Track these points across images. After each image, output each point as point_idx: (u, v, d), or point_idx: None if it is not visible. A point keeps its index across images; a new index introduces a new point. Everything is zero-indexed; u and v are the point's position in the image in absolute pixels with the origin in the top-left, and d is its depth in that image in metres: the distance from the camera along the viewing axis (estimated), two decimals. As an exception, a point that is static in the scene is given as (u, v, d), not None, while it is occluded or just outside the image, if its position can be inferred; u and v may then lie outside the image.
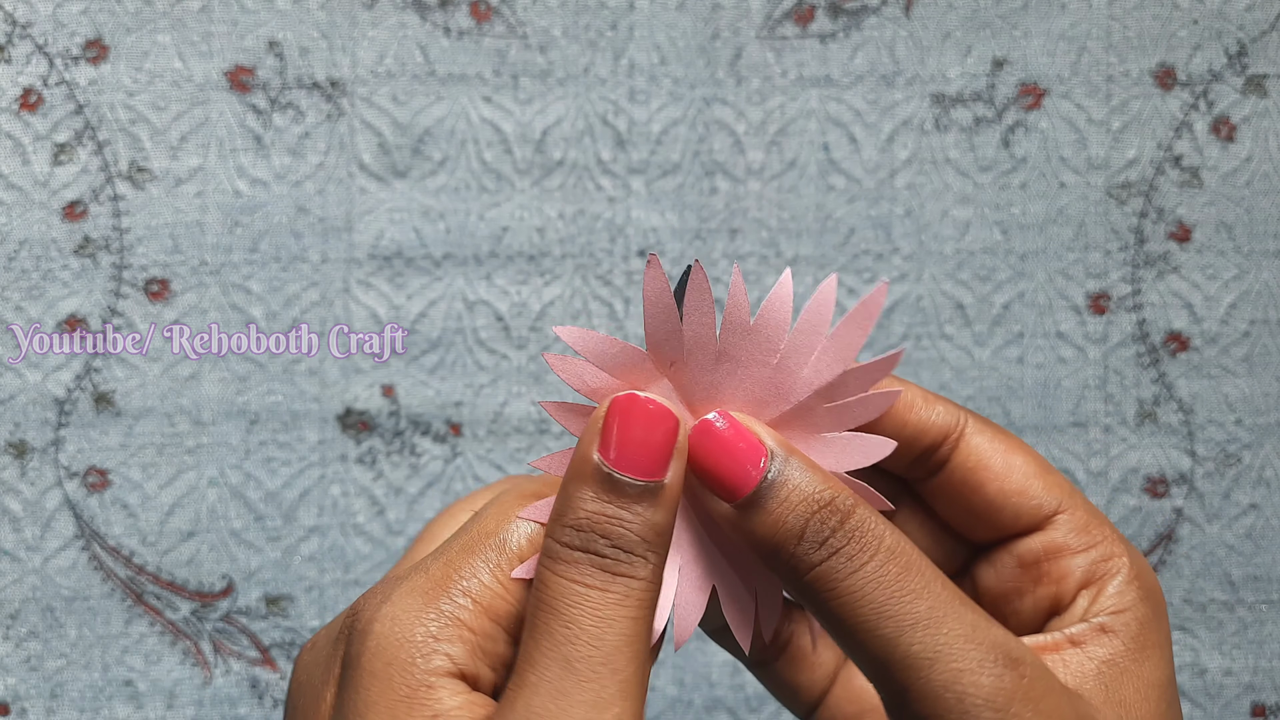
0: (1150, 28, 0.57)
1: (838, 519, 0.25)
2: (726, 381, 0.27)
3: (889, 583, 0.24)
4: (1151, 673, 0.26)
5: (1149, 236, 0.57)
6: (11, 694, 0.55)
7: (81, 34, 0.54)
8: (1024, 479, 0.28)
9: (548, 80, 0.56)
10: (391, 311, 0.56)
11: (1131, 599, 0.27)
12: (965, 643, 0.24)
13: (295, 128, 0.55)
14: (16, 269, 0.55)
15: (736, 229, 0.56)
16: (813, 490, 0.25)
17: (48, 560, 0.55)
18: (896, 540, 0.25)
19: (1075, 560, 0.28)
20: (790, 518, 0.25)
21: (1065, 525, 0.28)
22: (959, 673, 0.24)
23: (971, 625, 0.24)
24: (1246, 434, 0.58)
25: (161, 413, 0.55)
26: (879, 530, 0.25)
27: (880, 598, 0.24)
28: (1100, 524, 0.28)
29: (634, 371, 0.26)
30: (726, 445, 0.26)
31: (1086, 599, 0.27)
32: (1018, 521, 0.28)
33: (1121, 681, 0.26)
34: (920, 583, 0.24)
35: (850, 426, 0.27)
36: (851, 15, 0.56)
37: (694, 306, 0.26)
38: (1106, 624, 0.27)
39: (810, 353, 0.27)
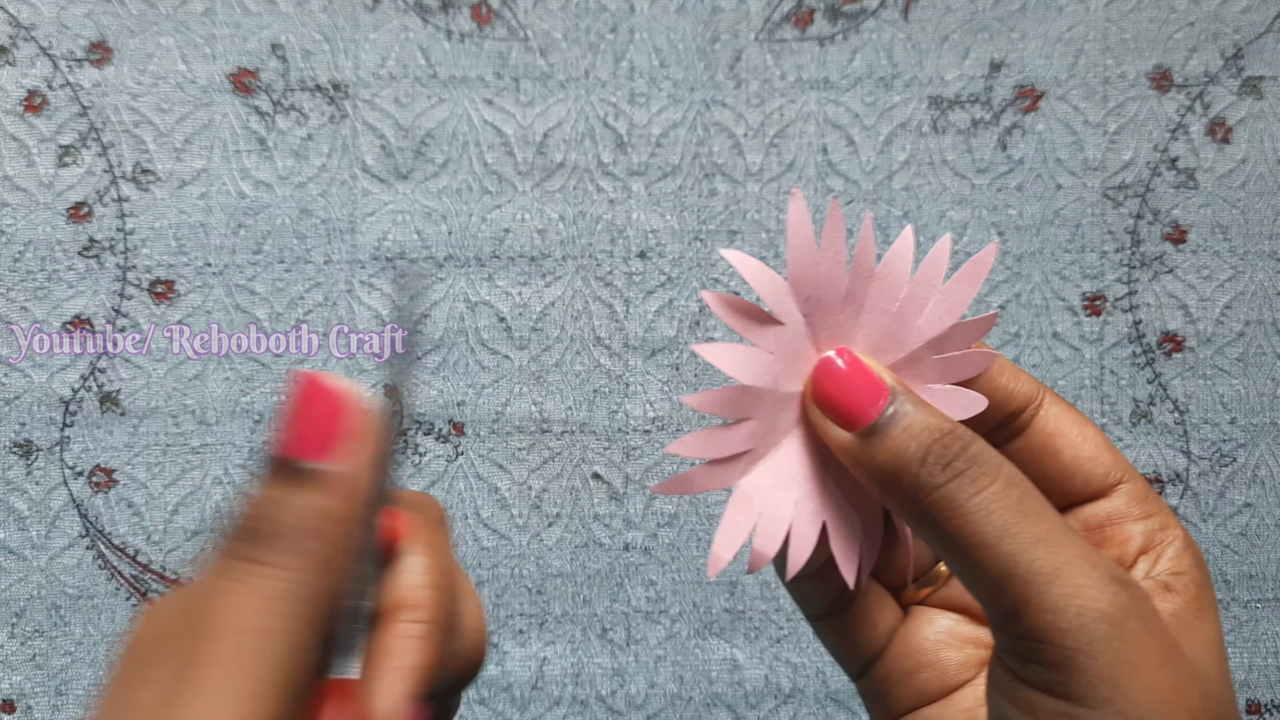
0: (1147, 30, 0.57)
1: (959, 445, 0.26)
2: (850, 323, 0.28)
3: (1012, 504, 0.25)
4: (1211, 629, 0.28)
5: (1145, 238, 0.58)
6: (17, 691, 0.55)
7: (85, 37, 0.54)
8: (1095, 449, 0.30)
9: (549, 83, 0.56)
10: (394, 312, 0.56)
11: (1189, 564, 0.29)
12: (1083, 562, 0.25)
13: (298, 130, 0.55)
14: (22, 270, 0.55)
15: (736, 230, 0.57)
16: (933, 420, 0.27)
17: (53, 559, 0.55)
18: (1014, 469, 0.26)
19: (1136, 526, 0.29)
20: (913, 444, 0.26)
21: (1126, 495, 0.30)
22: (1080, 588, 0.25)
23: (1086, 548, 0.26)
24: (1241, 433, 0.58)
25: (166, 412, 0.55)
26: (998, 458, 0.26)
27: (1005, 517, 0.25)
28: (1155, 499, 0.30)
29: (777, 299, 0.27)
30: (850, 378, 0.27)
31: (1147, 562, 0.29)
32: (1087, 486, 0.30)
33: (1188, 635, 0.27)
34: (1039, 507, 0.26)
35: (954, 380, 0.29)
36: (850, 18, 0.56)
37: (829, 245, 0.28)
38: (1170, 583, 0.28)
39: (925, 304, 0.29)
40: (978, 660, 0.31)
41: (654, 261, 0.56)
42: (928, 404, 0.27)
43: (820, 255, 0.27)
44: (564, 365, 0.56)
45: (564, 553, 0.57)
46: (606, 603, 0.57)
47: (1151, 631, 0.25)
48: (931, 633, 0.31)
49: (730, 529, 0.27)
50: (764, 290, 0.27)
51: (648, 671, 0.57)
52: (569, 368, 0.56)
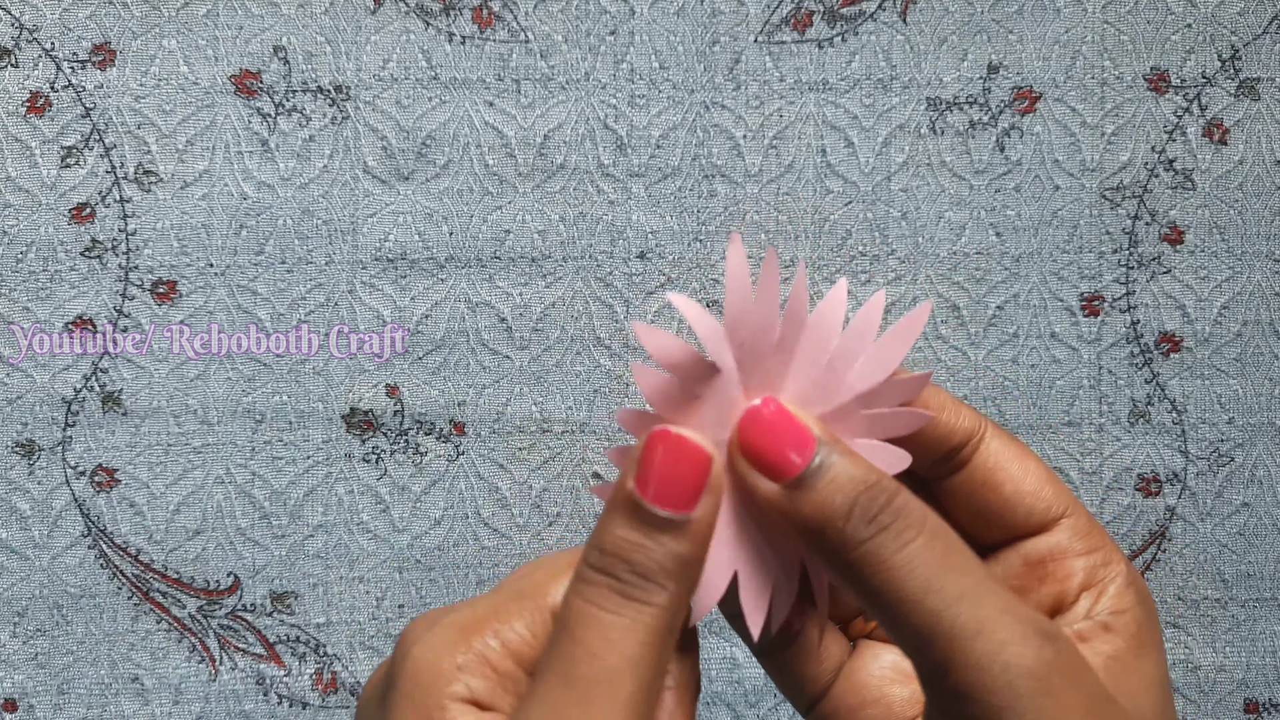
0: (1144, 32, 0.57)
1: (885, 498, 0.26)
2: (780, 371, 0.28)
3: (935, 559, 0.25)
4: (1151, 669, 0.27)
5: (1142, 239, 0.58)
6: (19, 690, 0.56)
7: (88, 39, 0.55)
8: (1037, 482, 0.30)
9: (549, 85, 0.56)
10: (396, 313, 0.56)
11: (1130, 601, 0.28)
12: (1007, 617, 0.25)
13: (300, 132, 0.55)
14: (24, 270, 0.55)
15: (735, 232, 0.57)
16: (860, 472, 0.26)
17: (55, 558, 0.55)
18: (939, 522, 0.26)
19: (1078, 562, 0.29)
20: (838, 497, 0.26)
21: (1069, 529, 0.29)
22: (1003, 644, 0.24)
23: (1011, 601, 0.25)
24: (1238, 433, 0.58)
25: (168, 412, 0.56)
26: (923, 511, 0.26)
27: (927, 573, 0.25)
28: (1100, 532, 0.30)
29: (714, 345, 0.27)
30: (777, 428, 0.27)
31: (1089, 600, 0.29)
32: (1028, 521, 0.30)
33: (1126, 676, 0.27)
34: (964, 560, 0.25)
35: (883, 436, 0.29)
36: (848, 21, 0.57)
37: (763, 292, 0.28)
38: (1109, 623, 0.28)
39: (856, 358, 0.29)
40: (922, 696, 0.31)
41: (654, 263, 0.57)
42: (855, 454, 0.27)
43: (754, 303, 0.27)
44: (564, 365, 0.57)
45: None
46: (606, 602, 0.57)
47: (1079, 684, 0.25)
48: (877, 668, 0.31)
49: None
50: (704, 336, 0.27)
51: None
52: (569, 368, 0.57)
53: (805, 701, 0.32)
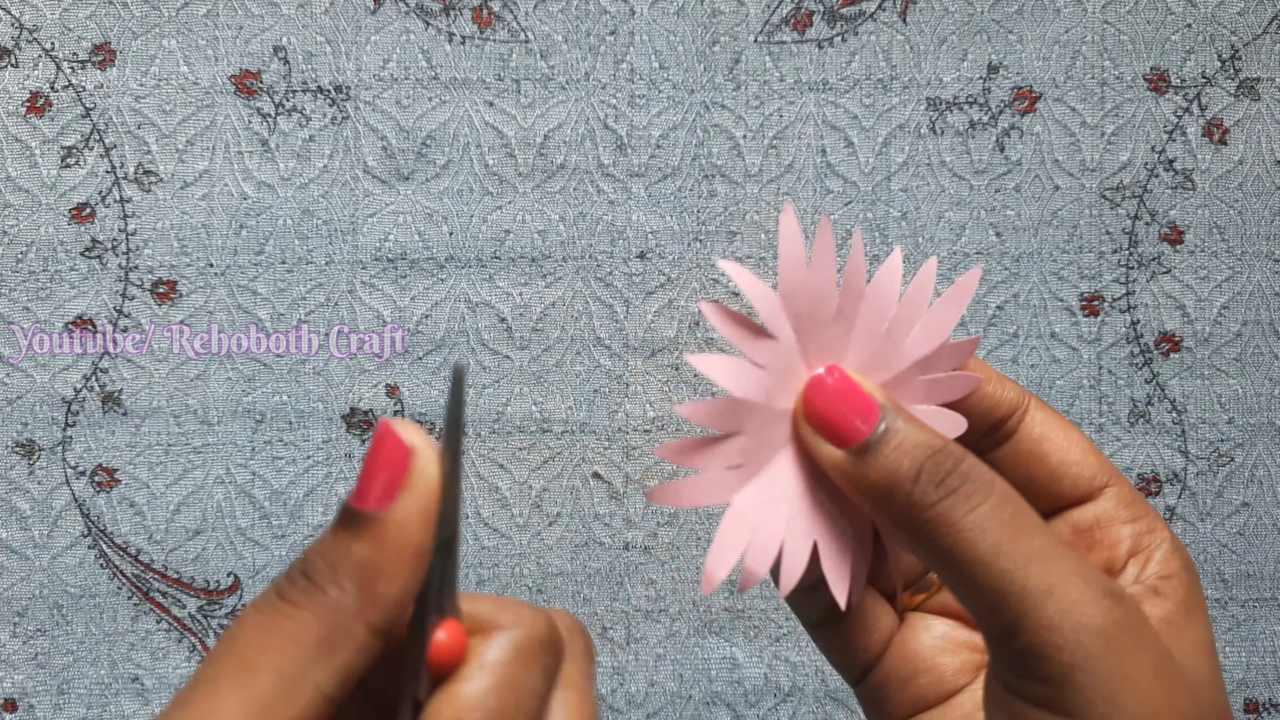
0: (1144, 32, 0.57)
1: (952, 462, 0.26)
2: (840, 341, 0.28)
3: (1006, 521, 0.26)
4: (1201, 632, 0.28)
5: (1142, 238, 0.58)
6: (19, 690, 0.56)
7: (89, 39, 0.55)
8: (1082, 453, 0.30)
9: (549, 85, 0.56)
10: (396, 313, 0.56)
11: (1176, 566, 0.29)
12: (1077, 579, 0.25)
13: (300, 132, 0.55)
14: (24, 270, 0.55)
15: (735, 232, 0.57)
16: (925, 437, 0.27)
17: (55, 558, 0.56)
18: (1006, 485, 0.27)
19: (1124, 529, 0.29)
20: (906, 461, 0.26)
21: (1114, 498, 0.30)
22: (1074, 603, 0.25)
23: (1079, 563, 0.26)
24: (1238, 433, 0.58)
25: (169, 412, 0.56)
26: (991, 475, 0.26)
27: (999, 534, 0.25)
28: (1142, 502, 0.30)
29: (770, 313, 0.28)
30: (841, 396, 0.27)
31: (1136, 566, 0.29)
32: (1075, 490, 0.30)
33: (1178, 639, 0.27)
34: (1032, 523, 0.26)
35: (940, 401, 0.29)
36: (848, 21, 0.57)
37: (819, 262, 0.28)
38: (1159, 587, 0.28)
39: (912, 326, 0.29)
40: (974, 665, 0.31)
41: (654, 262, 0.57)
42: (919, 421, 0.27)
43: (811, 272, 0.28)
44: (564, 366, 0.57)
45: (564, 552, 0.57)
46: (606, 602, 0.57)
47: (1144, 644, 0.25)
48: (928, 638, 0.32)
49: (724, 546, 0.27)
50: (759, 304, 0.27)
51: (648, 670, 0.57)
52: (569, 368, 0.57)
53: (856, 672, 0.32)
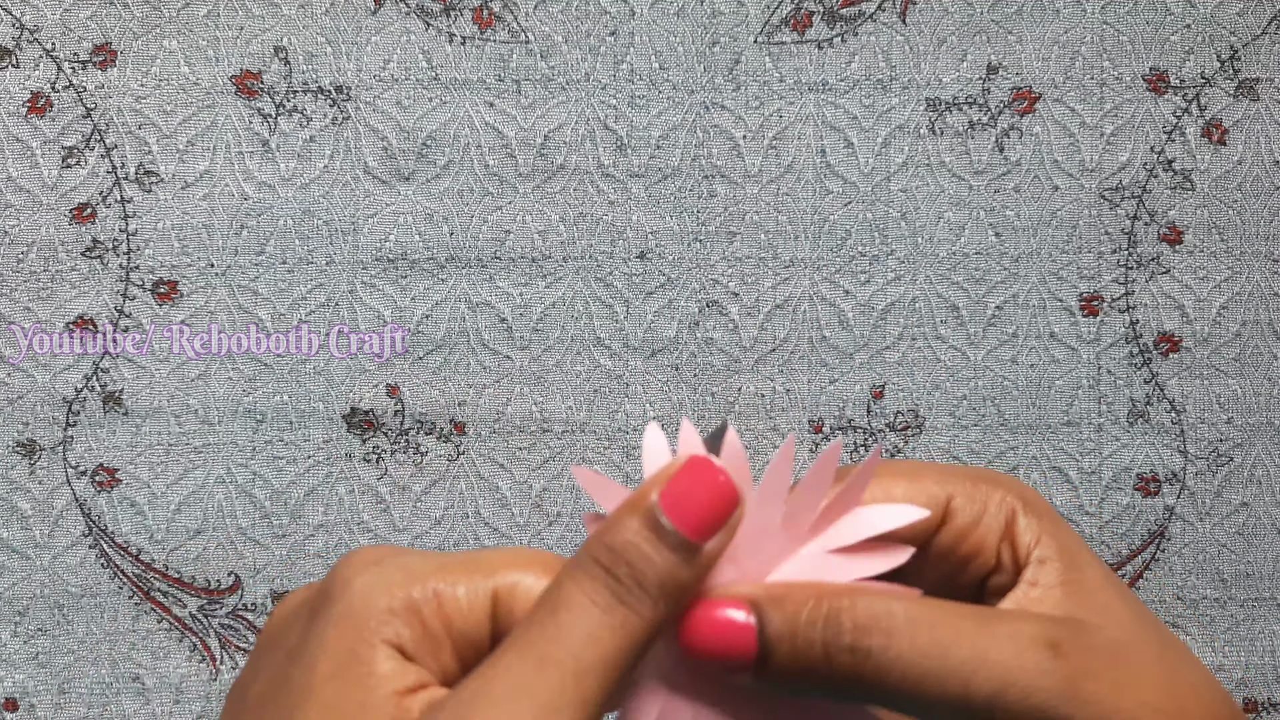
0: (1143, 32, 0.57)
1: (848, 620, 0.26)
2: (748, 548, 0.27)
3: (930, 650, 0.25)
4: (1093, 572, 0.28)
5: (1141, 239, 0.58)
6: (20, 690, 0.56)
7: (89, 39, 0.55)
8: (905, 490, 0.29)
9: (550, 86, 0.56)
10: (396, 313, 0.56)
11: (1035, 525, 0.29)
12: (1015, 658, 0.25)
13: (301, 132, 0.56)
14: (25, 270, 0.55)
15: (734, 232, 0.57)
16: (805, 612, 0.26)
17: (56, 558, 0.56)
18: (906, 606, 0.26)
19: (980, 528, 0.29)
20: (804, 648, 0.26)
21: (958, 508, 0.29)
22: (1025, 689, 0.25)
23: (1009, 637, 0.26)
24: (1238, 433, 0.58)
25: (169, 412, 0.56)
26: (888, 607, 0.26)
27: (932, 666, 0.25)
28: (978, 481, 0.30)
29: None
30: (713, 624, 0.26)
31: (1007, 549, 0.29)
32: (926, 533, 0.29)
33: (1083, 593, 0.28)
34: (951, 631, 0.26)
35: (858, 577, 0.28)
36: (848, 22, 0.57)
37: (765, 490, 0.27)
38: (1038, 555, 0.28)
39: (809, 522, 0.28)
40: None
41: (654, 263, 0.57)
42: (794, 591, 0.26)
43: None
44: (564, 366, 0.57)
45: (565, 552, 0.57)
46: (607, 601, 0.57)
47: (1093, 674, 0.26)
48: None
49: None
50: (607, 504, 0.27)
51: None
52: (569, 368, 0.57)
53: None
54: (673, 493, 0.26)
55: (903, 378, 0.57)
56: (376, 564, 0.26)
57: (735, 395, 0.57)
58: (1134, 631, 0.27)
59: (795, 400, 0.57)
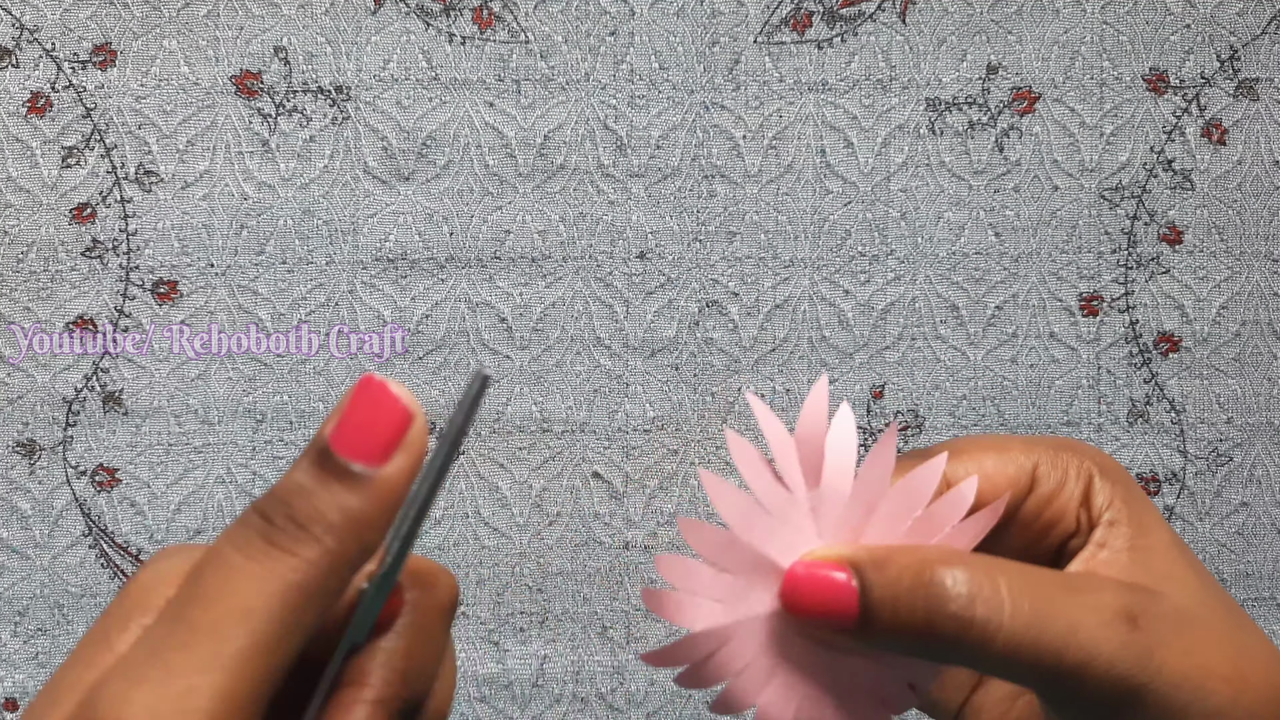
0: (1143, 33, 0.57)
1: (952, 590, 0.26)
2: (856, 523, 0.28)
3: (1029, 623, 0.26)
4: (1160, 537, 0.29)
5: (1141, 239, 0.58)
6: (19, 689, 0.56)
7: (89, 39, 0.55)
8: (996, 462, 0.30)
9: (549, 86, 0.56)
10: (396, 313, 0.56)
11: (1109, 490, 0.30)
12: (1100, 629, 0.26)
13: (301, 132, 0.56)
14: (25, 270, 0.55)
15: (734, 232, 0.57)
16: (909, 577, 0.27)
17: (56, 558, 0.56)
18: (1008, 578, 0.27)
19: (1061, 496, 0.30)
20: (906, 612, 0.26)
21: (1042, 475, 0.30)
22: (1109, 659, 0.26)
23: (1094, 610, 0.27)
24: (1237, 433, 0.58)
25: (169, 412, 0.56)
26: (992, 579, 0.27)
27: (1030, 638, 0.26)
28: (1059, 450, 0.31)
29: (786, 464, 0.28)
30: (815, 583, 0.27)
31: (1084, 514, 0.30)
32: (1016, 501, 0.31)
33: (1149, 557, 0.29)
34: (1046, 604, 0.26)
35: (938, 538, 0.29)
36: (848, 22, 0.57)
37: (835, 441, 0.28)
38: (1109, 518, 0.29)
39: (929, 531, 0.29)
40: None
41: (653, 263, 0.57)
42: (896, 555, 0.27)
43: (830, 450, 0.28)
44: (564, 365, 0.57)
45: (564, 551, 0.57)
46: (606, 601, 0.57)
47: (1165, 643, 0.27)
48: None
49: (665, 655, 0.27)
50: (777, 451, 0.27)
51: (647, 669, 0.57)
52: (569, 368, 0.57)
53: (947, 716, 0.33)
54: (345, 424, 0.23)
55: (902, 378, 0.57)
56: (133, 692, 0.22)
57: (735, 395, 0.57)
58: (1199, 598, 0.28)
59: (795, 400, 0.57)
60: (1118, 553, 0.29)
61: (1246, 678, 0.27)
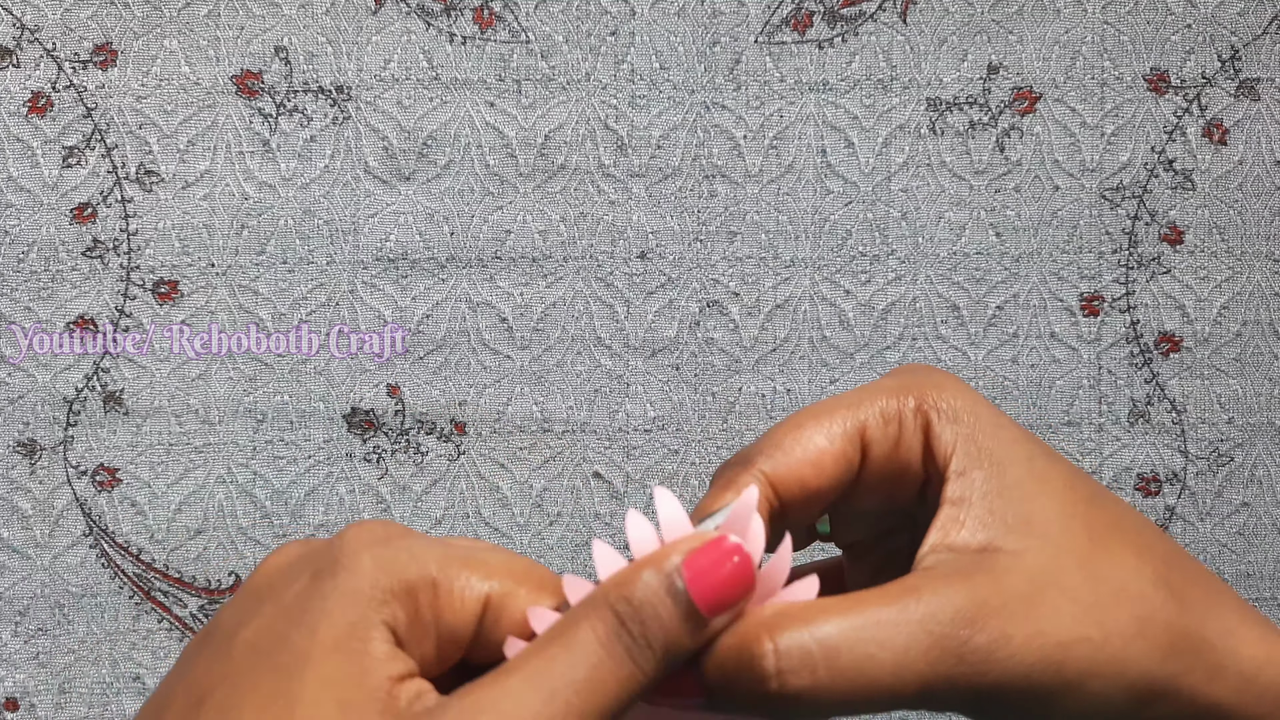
0: (1144, 32, 0.57)
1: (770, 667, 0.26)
2: None
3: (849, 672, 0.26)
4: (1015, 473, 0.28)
5: (1142, 239, 0.58)
6: (20, 689, 0.56)
7: (90, 39, 0.55)
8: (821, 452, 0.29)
9: (550, 86, 0.56)
10: (397, 313, 0.56)
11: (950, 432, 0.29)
12: (936, 652, 0.26)
13: (302, 132, 0.56)
14: (26, 270, 0.55)
15: (735, 232, 0.57)
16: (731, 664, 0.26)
17: (57, 557, 0.56)
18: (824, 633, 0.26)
19: (900, 450, 0.29)
20: (742, 694, 0.26)
21: (873, 438, 0.30)
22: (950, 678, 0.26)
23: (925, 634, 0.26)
24: (1238, 433, 0.58)
25: (170, 412, 0.56)
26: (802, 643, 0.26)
27: (858, 684, 0.26)
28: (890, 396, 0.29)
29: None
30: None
31: (932, 463, 0.29)
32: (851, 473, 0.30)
33: (1004, 504, 0.28)
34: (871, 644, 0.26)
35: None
36: (848, 22, 0.57)
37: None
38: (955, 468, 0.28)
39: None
40: None
41: (654, 263, 0.57)
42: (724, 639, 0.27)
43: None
44: (565, 365, 0.57)
45: (565, 551, 0.57)
46: (607, 601, 0.57)
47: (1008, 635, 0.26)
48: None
49: None
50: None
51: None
52: (570, 368, 0.57)
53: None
54: (696, 564, 0.26)
55: (903, 378, 0.57)
56: (385, 542, 0.26)
57: (735, 395, 0.57)
58: (1057, 544, 0.27)
59: (795, 400, 0.57)
60: (971, 508, 0.28)
61: (1105, 626, 0.27)
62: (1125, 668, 0.27)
